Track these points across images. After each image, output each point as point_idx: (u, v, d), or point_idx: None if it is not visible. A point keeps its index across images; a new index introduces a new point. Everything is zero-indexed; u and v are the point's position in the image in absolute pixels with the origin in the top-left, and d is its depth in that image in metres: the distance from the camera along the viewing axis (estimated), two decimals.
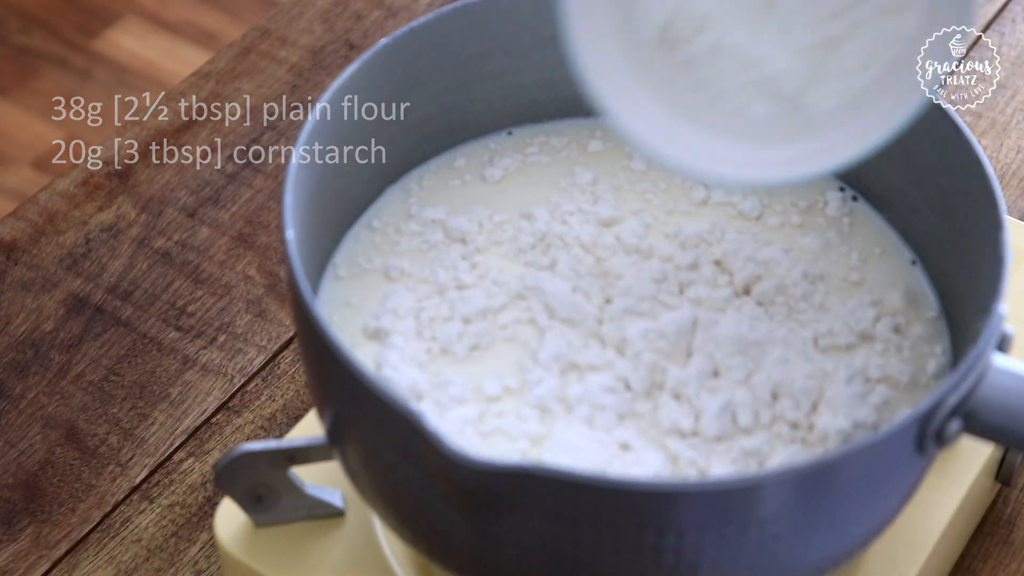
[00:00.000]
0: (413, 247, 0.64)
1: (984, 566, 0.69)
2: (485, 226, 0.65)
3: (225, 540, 0.63)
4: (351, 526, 0.63)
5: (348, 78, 0.61)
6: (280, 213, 0.56)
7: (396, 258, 0.64)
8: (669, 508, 0.50)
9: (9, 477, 0.73)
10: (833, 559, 0.55)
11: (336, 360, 0.52)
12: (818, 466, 0.50)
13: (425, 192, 0.66)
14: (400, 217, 0.65)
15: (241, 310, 0.79)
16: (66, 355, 0.77)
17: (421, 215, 0.65)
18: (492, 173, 0.67)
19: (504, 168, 0.67)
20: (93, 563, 0.70)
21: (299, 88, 0.91)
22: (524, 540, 0.52)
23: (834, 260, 0.64)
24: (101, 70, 1.81)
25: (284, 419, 0.75)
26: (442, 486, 0.51)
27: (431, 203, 0.66)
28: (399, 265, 0.63)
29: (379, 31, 0.94)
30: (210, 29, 1.86)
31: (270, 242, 0.83)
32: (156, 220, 0.84)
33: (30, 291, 0.80)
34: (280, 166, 0.86)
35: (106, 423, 0.75)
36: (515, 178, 0.67)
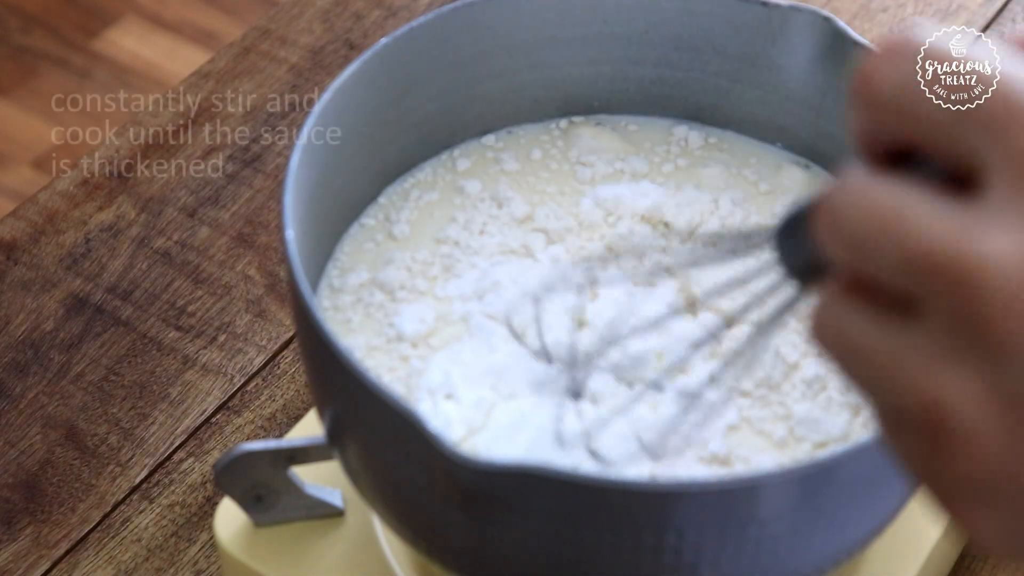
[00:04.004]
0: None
1: (984, 566, 0.69)
2: (414, 270, 0.65)
3: (225, 540, 0.63)
4: (351, 526, 0.63)
5: (348, 78, 0.61)
6: (280, 213, 0.56)
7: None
8: (669, 508, 0.50)
9: (9, 477, 0.73)
10: (833, 559, 0.55)
11: (336, 360, 0.52)
12: (818, 466, 0.50)
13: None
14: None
15: (241, 310, 0.79)
16: (66, 355, 0.77)
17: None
18: (401, 229, 0.66)
19: (408, 220, 0.67)
20: (93, 563, 0.70)
21: (299, 88, 0.91)
22: (524, 540, 0.52)
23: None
24: (101, 70, 1.81)
25: (284, 419, 0.75)
26: (442, 486, 0.51)
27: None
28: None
29: (379, 31, 0.94)
30: (210, 29, 1.86)
31: (270, 242, 0.83)
32: (156, 220, 0.84)
33: (30, 291, 0.80)
34: (280, 166, 0.86)
35: (106, 423, 0.75)
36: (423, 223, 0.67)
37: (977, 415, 0.32)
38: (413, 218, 0.66)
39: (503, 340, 0.61)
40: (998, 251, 0.31)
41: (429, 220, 0.66)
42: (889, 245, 0.32)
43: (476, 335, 0.61)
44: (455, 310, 0.62)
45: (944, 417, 0.32)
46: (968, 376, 0.32)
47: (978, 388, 0.32)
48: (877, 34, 0.93)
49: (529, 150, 0.68)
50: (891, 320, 0.33)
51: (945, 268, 0.31)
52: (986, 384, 0.32)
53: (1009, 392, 0.31)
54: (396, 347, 0.61)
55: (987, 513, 0.33)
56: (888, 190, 0.33)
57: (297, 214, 0.57)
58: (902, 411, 0.33)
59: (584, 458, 0.55)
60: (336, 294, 0.63)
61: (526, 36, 0.66)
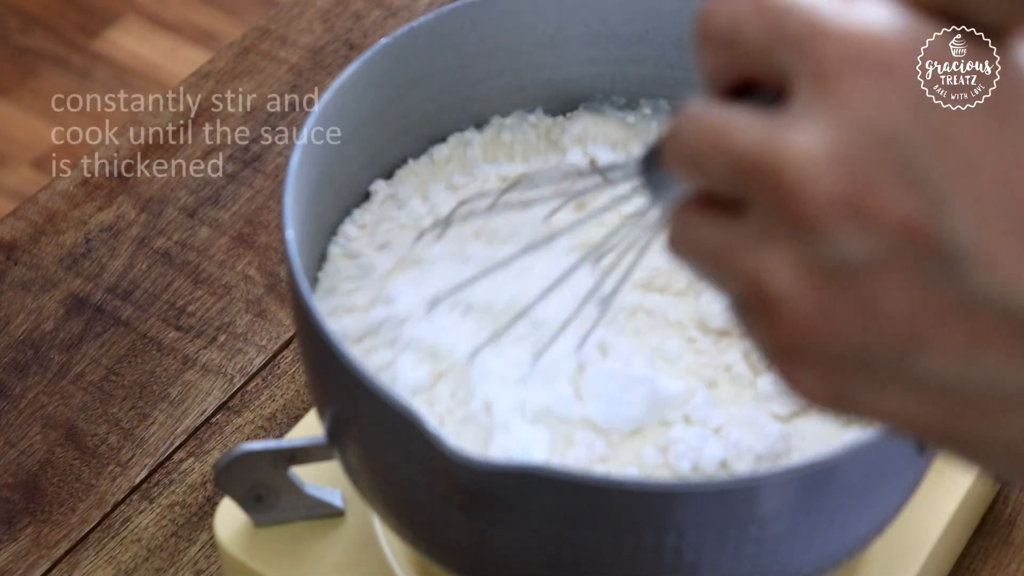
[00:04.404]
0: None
1: (984, 566, 0.69)
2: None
3: (225, 540, 0.63)
4: (351, 526, 0.63)
5: (348, 78, 0.61)
6: (280, 213, 0.56)
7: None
8: (669, 508, 0.50)
9: (9, 477, 0.73)
10: (833, 559, 0.55)
11: (336, 360, 0.52)
12: (818, 466, 0.50)
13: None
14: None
15: (241, 310, 0.79)
16: (66, 355, 0.77)
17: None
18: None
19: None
20: (93, 563, 0.70)
21: (299, 88, 0.91)
22: (524, 540, 0.52)
23: None
24: (101, 70, 1.81)
25: (284, 419, 0.75)
26: (442, 486, 0.51)
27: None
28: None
29: (379, 31, 0.94)
30: (210, 29, 1.86)
31: (270, 242, 0.83)
32: (156, 220, 0.84)
33: (30, 291, 0.80)
34: (280, 166, 0.86)
35: (106, 423, 0.75)
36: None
37: (790, 286, 0.37)
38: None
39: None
40: (801, 146, 0.36)
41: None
42: (717, 155, 0.38)
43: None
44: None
45: (765, 290, 0.37)
46: (782, 254, 0.37)
47: (790, 263, 0.37)
48: None
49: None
50: (725, 219, 0.39)
51: (759, 165, 0.37)
52: (797, 259, 0.37)
53: (816, 265, 0.37)
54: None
55: (805, 370, 0.38)
56: (718, 112, 0.38)
57: (297, 214, 0.57)
58: (738, 293, 0.39)
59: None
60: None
61: (526, 36, 0.66)
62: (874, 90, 0.36)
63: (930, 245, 0.36)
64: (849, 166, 0.36)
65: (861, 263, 0.36)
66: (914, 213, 0.35)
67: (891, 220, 0.35)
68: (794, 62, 0.37)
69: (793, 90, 0.37)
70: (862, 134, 0.36)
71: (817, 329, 0.37)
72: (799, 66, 0.37)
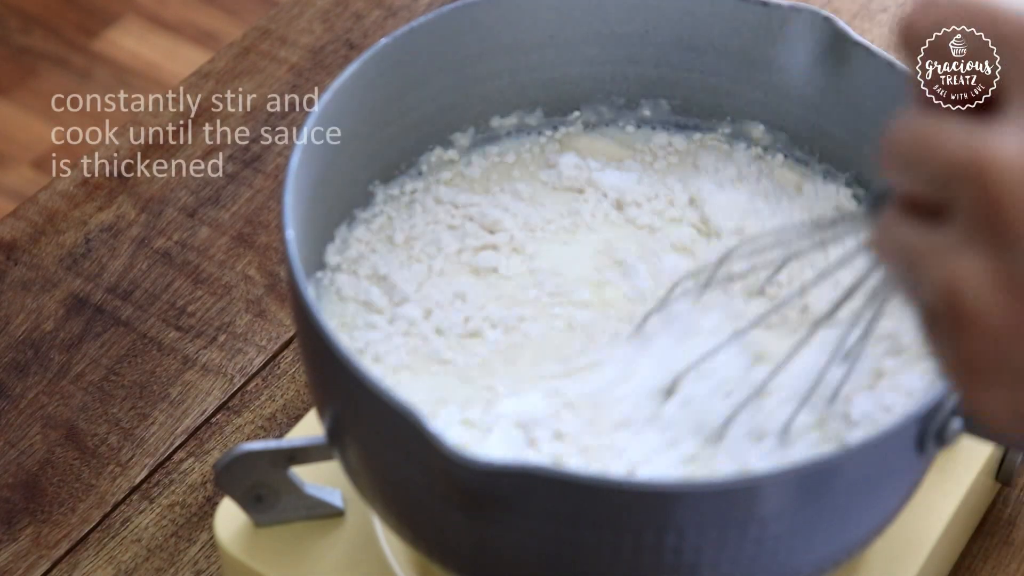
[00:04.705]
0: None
1: (984, 566, 0.69)
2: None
3: (225, 540, 0.63)
4: (351, 526, 0.63)
5: (348, 78, 0.61)
6: (280, 213, 0.56)
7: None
8: (669, 508, 0.50)
9: (9, 477, 0.73)
10: (833, 559, 0.55)
11: (336, 360, 0.52)
12: (818, 466, 0.50)
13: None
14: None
15: (241, 310, 0.79)
16: (66, 355, 0.77)
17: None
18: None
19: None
20: (93, 563, 0.70)
21: (299, 88, 0.91)
22: (524, 540, 0.52)
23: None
24: (101, 70, 1.81)
25: (284, 419, 0.75)
26: (442, 486, 0.51)
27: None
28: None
29: (379, 31, 0.94)
30: (210, 29, 1.86)
31: (270, 242, 0.83)
32: (156, 220, 0.84)
33: (30, 291, 0.80)
34: (280, 166, 0.86)
35: (106, 423, 0.75)
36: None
37: (988, 296, 0.36)
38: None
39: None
40: (1011, 151, 0.35)
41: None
42: (927, 158, 0.37)
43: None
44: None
45: (960, 298, 0.36)
46: (983, 262, 0.36)
47: (990, 272, 0.36)
48: (877, 34, 0.93)
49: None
50: (929, 223, 0.37)
51: (965, 169, 0.36)
52: (998, 269, 0.36)
53: (1017, 276, 0.35)
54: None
55: (991, 388, 0.37)
56: (930, 119, 0.37)
57: (297, 214, 0.57)
58: (932, 300, 0.37)
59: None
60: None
61: (526, 36, 0.66)
62: None
63: None
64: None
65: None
66: None
67: None
68: (1009, 67, 0.36)
69: (1005, 97, 0.36)
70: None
71: (1012, 342, 0.36)
72: (1012, 73, 0.36)
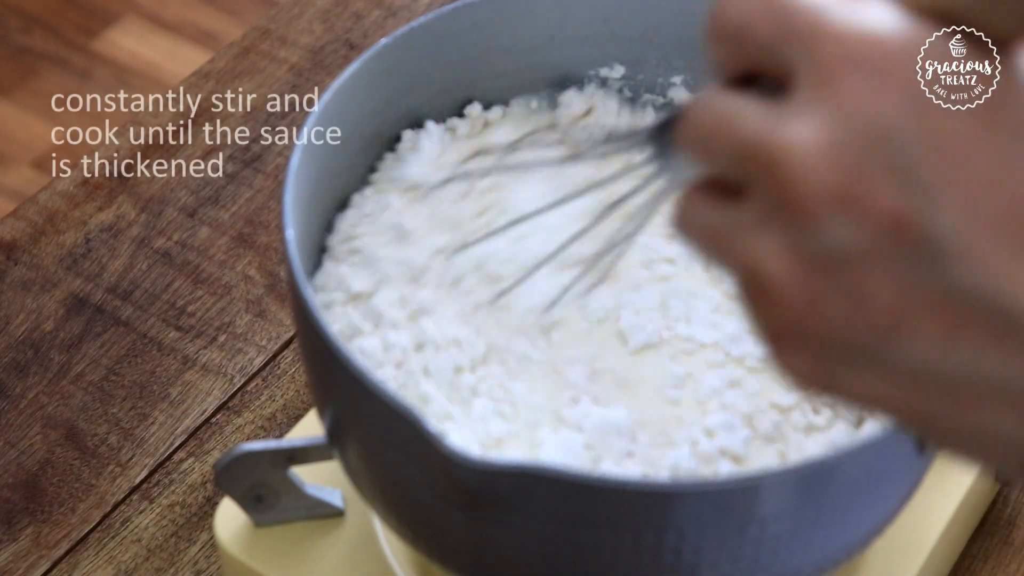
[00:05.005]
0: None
1: (984, 566, 0.69)
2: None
3: (225, 540, 0.63)
4: (351, 526, 0.63)
5: (348, 78, 0.61)
6: (280, 213, 0.56)
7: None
8: (669, 508, 0.50)
9: (9, 477, 0.73)
10: (833, 559, 0.55)
11: (336, 360, 0.52)
12: (818, 466, 0.50)
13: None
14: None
15: (241, 310, 0.79)
16: (66, 355, 0.77)
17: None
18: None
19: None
20: (93, 563, 0.70)
21: (299, 88, 0.91)
22: (524, 540, 0.52)
23: None
24: (101, 70, 1.81)
25: (284, 419, 0.75)
26: (442, 486, 0.51)
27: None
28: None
29: (379, 31, 0.94)
30: (210, 29, 1.86)
31: (270, 242, 0.83)
32: (156, 220, 0.84)
33: (30, 291, 0.80)
34: (280, 166, 0.86)
35: (106, 423, 0.75)
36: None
37: (783, 271, 0.38)
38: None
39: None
40: (798, 137, 0.37)
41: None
42: (723, 140, 0.39)
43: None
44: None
45: (759, 275, 0.39)
46: (777, 240, 0.38)
47: (784, 249, 0.38)
48: None
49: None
50: (727, 204, 0.40)
51: (759, 152, 0.38)
52: (790, 246, 0.38)
53: (808, 252, 0.38)
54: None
55: (795, 352, 0.39)
56: (728, 100, 0.40)
57: (297, 214, 0.57)
58: (736, 277, 0.40)
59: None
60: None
61: (526, 36, 0.66)
62: (871, 87, 0.37)
63: (916, 238, 0.37)
64: (842, 158, 0.37)
65: (850, 252, 0.37)
66: (902, 206, 0.37)
67: (880, 212, 0.37)
68: (798, 58, 0.38)
69: (795, 84, 0.38)
70: (857, 128, 0.37)
71: (807, 313, 0.38)
72: (802, 62, 0.38)
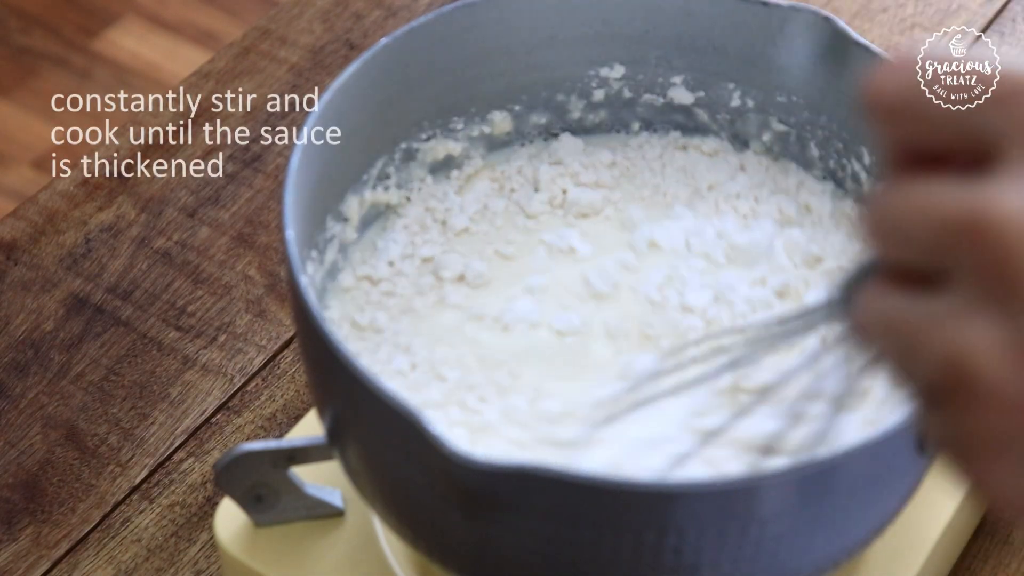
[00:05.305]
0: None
1: (984, 566, 0.69)
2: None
3: (225, 540, 0.63)
4: (351, 526, 0.63)
5: (348, 78, 0.61)
6: (280, 213, 0.56)
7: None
8: (669, 508, 0.50)
9: (9, 477, 0.73)
10: (833, 559, 0.55)
11: (336, 360, 0.52)
12: (818, 466, 0.50)
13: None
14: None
15: (241, 310, 0.79)
16: (66, 355, 0.77)
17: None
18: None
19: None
20: (93, 563, 0.70)
21: (299, 88, 0.91)
22: (524, 540, 0.52)
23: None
24: (101, 70, 1.81)
25: (284, 419, 0.75)
26: (442, 486, 0.51)
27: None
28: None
29: (379, 31, 0.94)
30: (210, 29, 1.86)
31: (270, 242, 0.83)
32: (156, 220, 0.84)
33: (30, 291, 0.80)
34: (280, 166, 0.86)
35: (106, 423, 0.75)
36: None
37: (1000, 364, 0.33)
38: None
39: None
40: (1012, 206, 0.32)
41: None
42: (922, 224, 0.34)
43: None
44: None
45: (967, 368, 0.33)
46: (991, 328, 0.33)
47: (1001, 338, 0.33)
48: (877, 34, 0.93)
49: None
50: (924, 293, 0.35)
51: (967, 229, 0.33)
52: (1009, 334, 0.33)
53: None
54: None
55: (1006, 465, 0.33)
56: (919, 184, 0.35)
57: (297, 214, 0.57)
58: (933, 374, 0.34)
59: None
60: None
61: (526, 36, 0.66)
62: None
63: None
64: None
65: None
66: None
67: None
68: (1001, 124, 0.34)
69: (1001, 152, 0.34)
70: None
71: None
72: (1008, 128, 0.34)
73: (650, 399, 0.53)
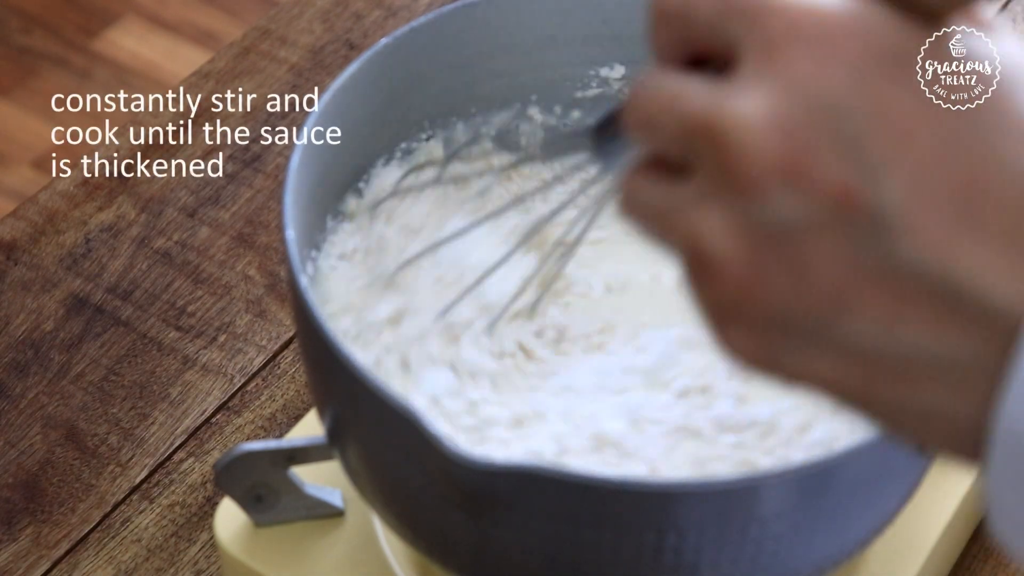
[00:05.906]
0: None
1: (984, 566, 0.69)
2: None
3: (225, 540, 0.63)
4: (351, 526, 0.63)
5: (348, 78, 0.61)
6: (280, 213, 0.56)
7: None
8: (669, 508, 0.50)
9: (9, 477, 0.73)
10: (833, 559, 0.55)
11: (336, 360, 0.52)
12: (818, 466, 0.50)
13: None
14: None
15: (241, 310, 0.79)
16: (66, 355, 0.77)
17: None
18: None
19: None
20: (93, 563, 0.70)
21: (299, 88, 0.91)
22: (524, 540, 0.52)
23: None
24: (101, 70, 1.81)
25: (284, 419, 0.75)
26: (442, 486, 0.51)
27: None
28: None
29: (379, 31, 0.94)
30: (210, 29, 1.86)
31: (270, 242, 0.83)
32: (156, 220, 0.84)
33: (30, 291, 0.80)
34: (280, 166, 0.86)
35: (106, 423, 0.75)
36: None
37: (726, 246, 0.38)
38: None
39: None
40: (743, 110, 0.37)
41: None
42: (669, 117, 0.39)
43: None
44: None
45: (702, 249, 0.39)
46: (720, 215, 0.38)
47: (727, 224, 0.38)
48: None
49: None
50: (671, 182, 0.40)
51: (704, 127, 0.38)
52: (734, 220, 0.38)
53: (752, 226, 0.38)
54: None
55: (736, 329, 0.39)
56: (673, 79, 0.40)
57: (297, 214, 0.57)
58: (679, 254, 0.40)
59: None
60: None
61: (526, 36, 0.66)
62: (816, 61, 0.37)
63: (860, 212, 0.37)
64: (787, 132, 0.37)
65: (794, 226, 0.37)
66: (847, 180, 0.37)
67: (825, 185, 0.37)
68: (742, 33, 0.38)
69: (740, 60, 0.38)
70: (802, 102, 0.37)
71: (749, 289, 0.38)
72: (747, 37, 0.38)
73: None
